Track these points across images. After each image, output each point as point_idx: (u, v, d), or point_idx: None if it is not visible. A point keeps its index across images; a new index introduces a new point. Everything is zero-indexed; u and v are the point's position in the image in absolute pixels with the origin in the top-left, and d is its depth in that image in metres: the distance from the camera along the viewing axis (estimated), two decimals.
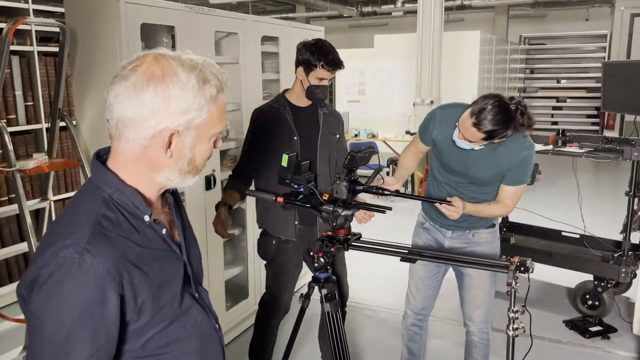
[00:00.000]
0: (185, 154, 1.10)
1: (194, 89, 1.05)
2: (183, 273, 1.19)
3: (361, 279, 4.45)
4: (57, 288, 0.97)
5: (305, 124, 2.61)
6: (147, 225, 1.11)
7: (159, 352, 1.13)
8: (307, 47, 2.49)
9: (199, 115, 1.06)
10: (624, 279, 3.55)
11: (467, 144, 2.26)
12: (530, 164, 2.34)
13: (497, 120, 2.11)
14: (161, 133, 1.05)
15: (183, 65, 1.06)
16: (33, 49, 3.99)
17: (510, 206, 2.40)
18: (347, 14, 13.91)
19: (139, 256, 1.06)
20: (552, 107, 13.73)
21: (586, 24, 13.45)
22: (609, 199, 6.92)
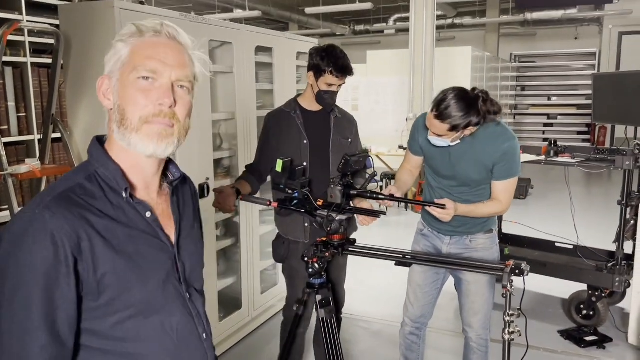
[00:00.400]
0: (115, 100, 1.09)
1: (126, 30, 1.09)
2: (170, 267, 1.15)
3: (354, 291, 4.41)
4: (16, 242, 0.98)
5: (316, 128, 2.62)
6: (127, 204, 1.09)
7: (126, 344, 1.08)
8: (318, 52, 2.50)
9: (118, 55, 1.08)
10: (618, 288, 3.55)
11: (441, 140, 2.29)
12: (515, 155, 2.33)
13: (457, 108, 2.16)
14: (99, 83, 1.11)
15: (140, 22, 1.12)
16: (26, 60, 3.98)
17: (504, 202, 2.39)
18: (340, 33, 14.06)
19: (107, 227, 1.05)
20: (543, 123, 13.88)
21: (575, 42, 13.68)
22: (601, 211, 6.96)
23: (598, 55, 12.95)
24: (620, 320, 3.81)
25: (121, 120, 1.07)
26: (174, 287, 1.15)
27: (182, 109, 1.10)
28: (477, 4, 12.65)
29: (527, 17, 12.02)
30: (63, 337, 1.01)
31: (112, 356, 1.07)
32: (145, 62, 1.06)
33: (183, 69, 1.10)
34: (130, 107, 1.07)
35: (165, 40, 1.09)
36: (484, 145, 2.31)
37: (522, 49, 14.17)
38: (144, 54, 1.07)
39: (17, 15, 3.90)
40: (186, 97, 1.12)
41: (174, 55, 1.09)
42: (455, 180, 2.42)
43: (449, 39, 13.87)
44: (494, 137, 2.31)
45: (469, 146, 2.33)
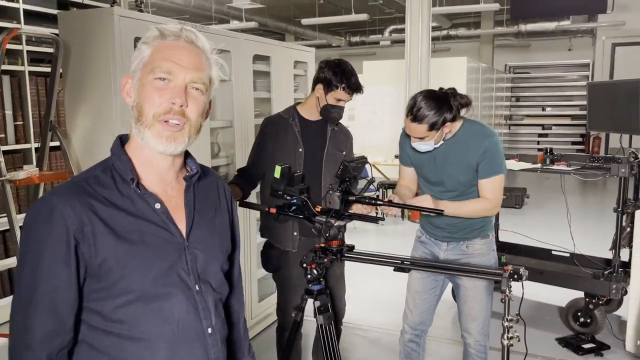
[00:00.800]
0: (134, 98, 1.16)
1: (150, 34, 1.16)
2: (177, 258, 1.17)
3: (351, 299, 4.40)
4: (29, 223, 1.11)
5: (312, 138, 2.63)
6: (136, 194, 1.15)
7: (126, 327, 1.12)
8: (329, 67, 2.51)
9: (144, 55, 1.15)
10: (615, 295, 3.56)
11: (424, 144, 2.34)
12: (497, 151, 2.35)
13: (429, 107, 2.25)
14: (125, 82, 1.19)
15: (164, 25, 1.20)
16: (24, 69, 4.00)
17: (493, 200, 2.39)
18: (336, 44, 14.15)
19: (112, 215, 1.12)
20: (538, 134, 13.96)
21: (569, 54, 13.81)
22: (596, 219, 6.98)
23: (592, 66, 13.07)
24: (617, 328, 3.81)
25: (138, 117, 1.15)
26: (179, 277, 1.17)
27: (193, 109, 1.16)
28: (471, 16, 12.76)
29: (521, 29, 12.14)
30: (61, 314, 1.09)
31: (114, 337, 1.13)
32: (162, 64, 1.13)
33: (198, 71, 1.15)
34: (147, 104, 1.14)
35: (183, 44, 1.15)
36: (466, 144, 2.36)
37: (516, 60, 14.29)
38: (162, 55, 1.14)
39: (16, 24, 3.92)
40: (199, 97, 1.17)
41: (189, 58, 1.15)
42: (444, 185, 2.45)
43: (444, 50, 13.97)
44: (475, 135, 2.35)
45: (451, 148, 2.37)
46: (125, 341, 1.12)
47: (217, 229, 1.30)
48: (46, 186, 2.95)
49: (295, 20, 12.27)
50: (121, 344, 1.12)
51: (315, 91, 2.56)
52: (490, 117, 10.47)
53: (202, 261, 1.22)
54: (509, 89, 13.66)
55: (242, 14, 10.33)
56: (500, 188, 2.41)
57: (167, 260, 1.16)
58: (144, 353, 1.13)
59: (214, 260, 1.27)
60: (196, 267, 1.20)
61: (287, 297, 2.72)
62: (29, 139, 4.07)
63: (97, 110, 2.54)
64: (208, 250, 1.25)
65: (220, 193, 1.36)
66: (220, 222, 1.32)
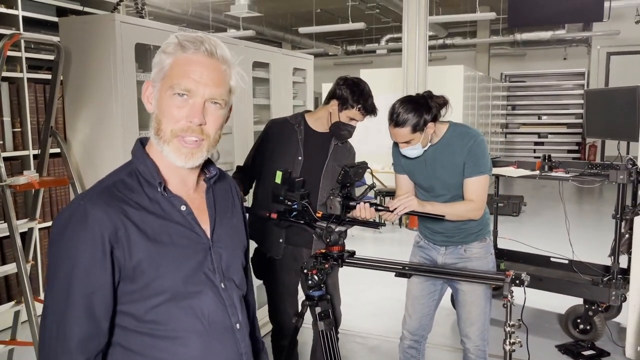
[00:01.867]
0: (155, 108, 1.17)
1: (171, 44, 1.15)
2: (203, 257, 1.21)
3: (350, 306, 4.40)
4: (60, 230, 1.11)
5: (314, 149, 2.60)
6: (163, 197, 1.17)
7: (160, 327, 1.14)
8: (348, 85, 2.49)
9: (161, 66, 1.15)
10: (614, 301, 3.56)
11: (412, 149, 2.37)
12: (481, 151, 2.38)
13: (407, 109, 2.30)
14: (146, 87, 1.20)
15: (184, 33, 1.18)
16: (23, 76, 3.99)
17: (477, 201, 2.39)
18: (333, 52, 14.21)
19: (143, 219, 1.14)
20: (534, 142, 14.02)
21: (564, 63, 13.90)
22: (593, 227, 6.99)
23: (587, 75, 13.16)
24: (617, 334, 3.81)
25: (157, 130, 1.16)
26: (206, 276, 1.20)
27: (212, 126, 1.17)
28: (467, 25, 12.85)
29: (517, 38, 12.22)
30: (98, 317, 1.10)
31: (147, 337, 1.15)
32: (181, 81, 1.13)
33: (217, 87, 1.15)
34: (165, 119, 1.15)
35: (203, 58, 1.14)
36: (453, 146, 2.40)
37: (512, 68, 14.38)
38: (181, 71, 1.13)
39: (15, 31, 3.92)
40: (217, 112, 1.17)
41: (209, 74, 1.14)
42: (436, 190, 2.47)
43: (441, 59, 14.05)
44: (460, 136, 2.40)
45: (439, 152, 2.42)
46: (159, 340, 1.15)
47: (235, 227, 1.34)
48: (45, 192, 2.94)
49: (292, 29, 12.33)
50: (155, 343, 1.15)
51: (330, 106, 2.54)
52: (486, 126, 10.51)
53: (226, 260, 1.26)
54: (505, 97, 13.73)
55: (239, 23, 10.36)
56: (485, 188, 2.42)
57: (194, 260, 1.19)
58: (178, 349, 1.16)
59: (236, 258, 1.31)
60: (221, 265, 1.24)
61: (276, 304, 2.72)
62: (27, 145, 4.06)
63: (98, 116, 2.54)
64: (230, 249, 1.29)
65: (233, 193, 1.39)
66: (236, 221, 1.36)
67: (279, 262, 2.63)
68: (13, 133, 4.03)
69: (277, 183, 2.31)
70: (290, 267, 2.63)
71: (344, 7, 10.24)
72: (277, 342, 2.77)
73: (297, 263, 2.59)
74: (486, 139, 2.52)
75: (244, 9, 8.07)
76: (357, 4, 10.41)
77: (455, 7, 10.74)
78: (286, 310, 2.70)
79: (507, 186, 10.67)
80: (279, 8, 11.40)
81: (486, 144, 2.43)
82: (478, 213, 2.44)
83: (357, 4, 10.44)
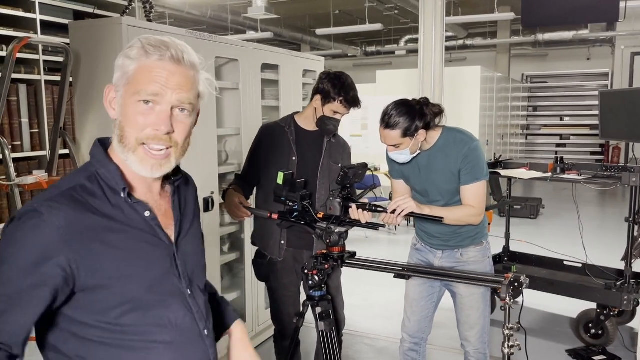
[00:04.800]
0: (118, 115, 1.12)
1: (134, 49, 1.10)
2: (169, 264, 1.18)
3: (359, 307, 4.41)
4: (13, 233, 1.04)
5: (307, 148, 2.62)
6: (126, 203, 1.12)
7: (127, 337, 1.11)
8: (329, 79, 2.51)
9: (125, 71, 1.10)
10: (627, 306, 3.50)
11: (400, 154, 2.36)
12: (477, 157, 2.35)
13: (400, 113, 2.29)
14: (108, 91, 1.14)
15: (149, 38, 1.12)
16: (40, 78, 4.10)
17: (477, 207, 2.37)
18: (352, 54, 14.20)
19: (105, 226, 1.08)
20: (556, 144, 13.81)
21: (588, 63, 13.66)
22: (614, 230, 6.87)
23: (611, 75, 12.92)
24: (629, 340, 3.74)
25: (121, 137, 1.11)
26: (172, 283, 1.17)
27: (180, 134, 1.13)
28: (487, 25, 12.72)
29: (539, 38, 12.06)
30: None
31: (114, 349, 1.10)
32: (147, 87, 1.08)
33: (185, 92, 1.11)
34: (129, 127, 1.10)
35: (169, 65, 1.09)
36: (447, 151, 2.37)
37: (533, 69, 14.18)
38: (147, 77, 1.08)
39: (32, 35, 4.02)
40: (186, 120, 1.13)
41: (175, 79, 1.10)
42: (431, 195, 2.46)
43: (461, 60, 13.94)
44: (455, 142, 2.37)
45: (433, 157, 2.40)
46: (127, 352, 1.11)
47: (198, 230, 1.31)
48: None
49: (310, 31, 12.36)
50: (123, 355, 1.11)
51: (313, 102, 2.56)
52: (505, 127, 10.38)
53: (190, 266, 1.23)
54: (526, 98, 13.54)
55: (257, 25, 10.43)
56: (483, 193, 2.40)
57: (160, 268, 1.16)
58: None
59: (200, 264, 1.29)
60: (187, 272, 1.21)
61: (277, 306, 2.74)
62: (44, 146, 4.16)
63: (106, 118, 2.57)
64: (194, 255, 1.26)
65: (194, 194, 1.35)
66: (198, 222, 1.33)
67: (280, 263, 2.65)
68: (31, 134, 4.14)
69: (278, 184, 2.33)
70: (292, 268, 2.65)
71: (362, 9, 10.23)
72: (280, 343, 2.79)
73: (298, 265, 2.61)
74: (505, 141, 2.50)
75: (260, 11, 8.11)
76: (375, 5, 10.39)
77: (474, 7, 10.64)
78: (288, 312, 2.72)
79: (526, 189, 10.53)
80: (298, 10, 11.45)
81: (481, 149, 2.41)
82: (478, 219, 2.42)
83: (375, 5, 10.43)
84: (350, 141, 9.70)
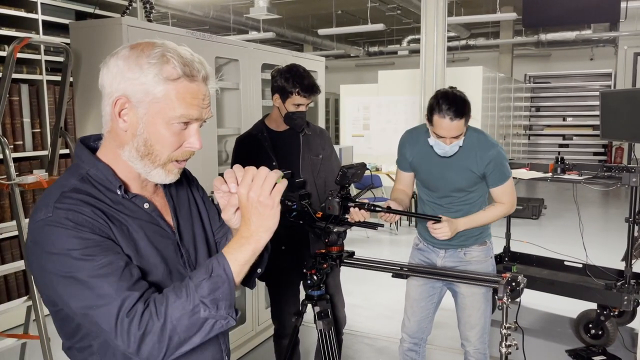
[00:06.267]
0: (140, 131, 1.09)
1: (151, 64, 1.06)
2: (174, 253, 1.19)
3: (360, 307, 4.42)
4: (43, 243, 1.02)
5: (285, 149, 2.60)
6: (124, 199, 1.13)
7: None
8: (281, 74, 2.48)
9: (151, 90, 1.06)
10: (627, 307, 3.50)
11: (455, 145, 2.34)
12: (502, 159, 2.43)
13: (464, 101, 2.28)
14: (117, 101, 1.08)
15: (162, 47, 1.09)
16: (42, 78, 4.12)
17: (508, 203, 2.47)
18: (354, 54, 14.20)
19: (114, 216, 1.09)
20: (559, 144, 13.79)
21: (591, 63, 13.62)
22: (616, 231, 6.84)
23: (614, 76, 12.88)
24: (629, 340, 3.74)
25: (147, 154, 1.10)
26: (178, 272, 1.18)
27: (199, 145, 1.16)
28: (490, 26, 12.70)
29: (541, 38, 12.03)
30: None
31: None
32: (189, 112, 1.08)
33: (210, 108, 1.14)
34: (160, 145, 1.10)
35: (202, 86, 1.10)
36: (469, 152, 2.39)
37: (536, 69, 14.15)
38: (185, 102, 1.07)
39: (35, 35, 4.04)
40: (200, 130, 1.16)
41: (207, 99, 1.12)
42: (440, 190, 2.48)
43: (463, 60, 13.92)
44: (478, 145, 2.40)
45: (454, 155, 2.40)
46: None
47: (196, 216, 1.31)
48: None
49: (313, 31, 12.36)
50: None
51: (274, 101, 2.54)
52: (508, 127, 10.37)
53: (193, 252, 1.25)
54: (528, 99, 13.52)
55: (259, 25, 10.44)
56: (512, 189, 2.49)
57: (168, 257, 1.17)
58: None
59: (202, 248, 1.29)
60: (190, 259, 1.23)
61: (277, 305, 2.74)
62: (46, 146, 4.18)
63: None
64: (195, 240, 1.27)
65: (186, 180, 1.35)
66: (196, 208, 1.33)
67: (280, 263, 2.65)
68: (33, 134, 4.16)
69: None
70: (291, 268, 2.66)
71: (364, 9, 10.24)
72: (279, 342, 2.80)
73: (297, 264, 2.62)
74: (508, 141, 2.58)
75: (263, 11, 8.13)
76: (377, 5, 10.39)
77: (476, 7, 10.63)
78: (288, 311, 2.72)
79: (529, 189, 10.51)
80: (300, 10, 11.45)
81: (503, 150, 2.47)
82: (510, 211, 2.52)
83: (377, 5, 10.43)
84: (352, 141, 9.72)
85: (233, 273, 1.05)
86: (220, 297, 1.03)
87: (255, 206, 1.05)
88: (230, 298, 1.05)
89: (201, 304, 1.01)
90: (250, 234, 1.06)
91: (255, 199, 1.05)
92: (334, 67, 15.48)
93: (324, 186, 2.65)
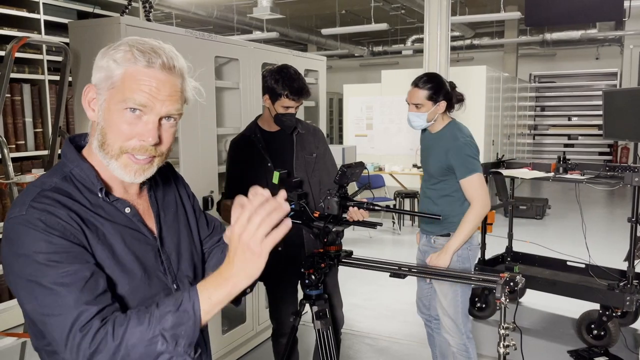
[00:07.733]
0: (99, 119, 1.07)
1: (116, 50, 1.05)
2: (154, 259, 1.16)
3: (361, 307, 4.40)
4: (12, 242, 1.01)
5: (279, 149, 2.58)
6: (105, 202, 1.10)
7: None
8: (271, 75, 2.45)
9: (110, 75, 1.05)
10: (629, 307, 3.47)
11: (418, 116, 2.57)
12: (464, 151, 2.51)
13: (430, 77, 2.58)
14: (86, 90, 1.08)
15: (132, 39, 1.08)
16: (44, 78, 4.13)
17: (478, 198, 2.51)
18: (358, 54, 14.19)
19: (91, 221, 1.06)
20: (564, 144, 13.73)
21: (596, 62, 13.56)
22: (621, 231, 6.80)
23: (619, 75, 12.82)
24: (632, 341, 3.71)
25: (102, 143, 1.07)
26: (158, 279, 1.15)
27: (166, 144, 1.11)
28: (494, 25, 12.66)
29: (546, 38, 11.98)
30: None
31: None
32: (135, 96, 1.03)
33: (174, 102, 1.07)
34: (113, 134, 1.06)
35: (159, 73, 1.05)
36: (442, 142, 2.58)
37: (541, 69, 14.10)
38: (135, 85, 1.03)
39: (36, 35, 4.05)
40: (172, 129, 1.11)
41: (166, 90, 1.06)
42: (426, 174, 2.72)
43: (468, 60, 13.89)
44: (450, 136, 2.57)
45: (434, 141, 2.63)
46: None
47: (182, 222, 1.29)
48: None
49: (316, 31, 12.36)
50: None
51: (265, 102, 2.52)
52: (512, 127, 10.33)
53: (176, 259, 1.22)
54: (533, 98, 13.47)
55: (263, 25, 10.45)
56: (480, 185, 2.53)
57: (146, 263, 1.14)
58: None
59: (186, 254, 1.26)
60: (172, 266, 1.20)
61: (275, 304, 2.74)
62: (48, 145, 4.19)
63: None
64: (179, 247, 1.24)
65: (176, 184, 1.32)
66: (184, 215, 1.31)
67: (278, 262, 2.64)
68: (35, 133, 4.17)
69: (274, 184, 2.33)
70: (289, 267, 2.65)
71: (368, 9, 10.22)
72: (278, 341, 2.80)
73: (295, 263, 2.61)
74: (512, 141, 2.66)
75: (266, 11, 8.13)
76: (381, 4, 10.37)
77: (481, 7, 10.60)
78: (285, 310, 2.72)
79: (533, 189, 10.48)
80: (303, 10, 11.45)
81: (471, 146, 2.54)
82: (485, 209, 2.54)
83: (381, 5, 10.41)
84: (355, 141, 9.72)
85: (202, 311, 1.00)
86: (182, 334, 0.98)
87: (243, 249, 0.98)
88: (192, 336, 1.00)
89: (160, 336, 0.97)
90: (230, 275, 1.00)
91: (245, 242, 0.98)
92: (337, 66, 15.47)
93: (318, 185, 2.64)
